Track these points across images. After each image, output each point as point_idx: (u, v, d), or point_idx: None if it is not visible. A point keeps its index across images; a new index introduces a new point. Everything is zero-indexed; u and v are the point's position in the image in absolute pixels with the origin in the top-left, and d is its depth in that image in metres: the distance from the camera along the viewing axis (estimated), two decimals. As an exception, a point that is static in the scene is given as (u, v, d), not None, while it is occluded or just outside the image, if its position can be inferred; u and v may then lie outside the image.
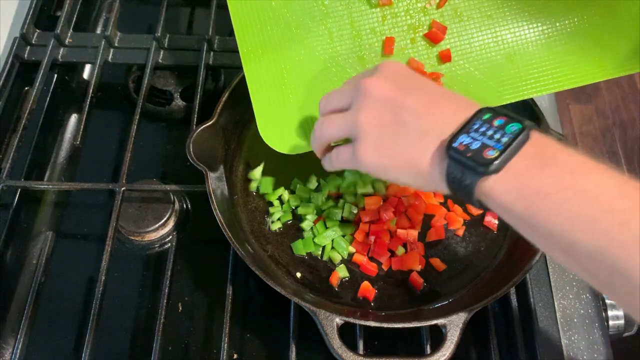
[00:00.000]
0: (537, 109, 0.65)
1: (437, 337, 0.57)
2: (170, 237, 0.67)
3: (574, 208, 0.39)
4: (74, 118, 0.78)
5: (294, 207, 0.66)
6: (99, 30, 0.86)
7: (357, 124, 0.47)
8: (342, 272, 0.62)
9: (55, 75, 0.78)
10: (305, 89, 0.59)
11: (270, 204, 0.66)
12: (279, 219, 0.65)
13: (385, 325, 0.53)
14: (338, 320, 0.53)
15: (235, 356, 0.60)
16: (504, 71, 0.61)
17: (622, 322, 0.62)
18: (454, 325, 0.52)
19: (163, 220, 0.66)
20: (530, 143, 0.41)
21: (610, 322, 0.61)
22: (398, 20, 0.59)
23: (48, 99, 0.76)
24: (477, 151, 0.41)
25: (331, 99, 0.52)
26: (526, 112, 0.65)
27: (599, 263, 0.38)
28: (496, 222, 0.65)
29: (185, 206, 0.70)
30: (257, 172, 0.67)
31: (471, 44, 0.61)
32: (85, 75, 0.83)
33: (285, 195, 0.66)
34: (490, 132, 0.42)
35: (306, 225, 0.64)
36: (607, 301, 0.62)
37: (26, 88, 0.76)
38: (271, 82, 0.59)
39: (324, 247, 0.63)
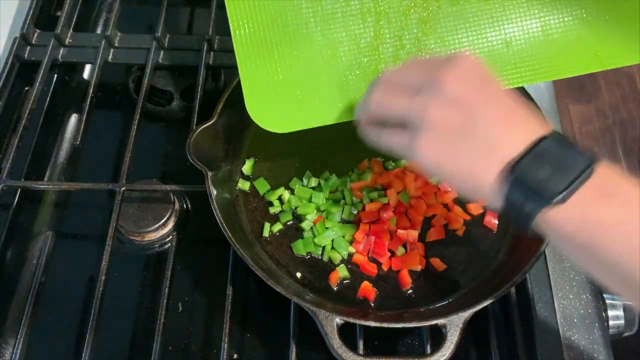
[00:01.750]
0: (537, 109, 0.65)
1: (437, 337, 0.57)
2: (170, 237, 0.67)
3: (635, 241, 0.39)
4: (74, 118, 0.78)
5: (294, 208, 0.66)
6: (99, 30, 0.86)
7: (426, 115, 0.44)
8: (342, 272, 0.62)
9: (55, 75, 0.78)
10: (296, 58, 0.58)
11: (270, 203, 0.66)
12: (278, 220, 0.65)
13: (385, 325, 0.53)
14: (338, 320, 0.53)
15: (235, 356, 0.60)
16: (500, 56, 0.60)
17: (622, 322, 0.62)
18: (454, 325, 0.52)
19: (163, 220, 0.66)
20: (596, 175, 0.41)
21: (610, 322, 0.61)
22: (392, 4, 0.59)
23: (48, 99, 0.76)
24: (541, 180, 0.41)
25: (401, 73, 0.49)
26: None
27: None
28: (496, 222, 0.65)
29: (185, 206, 0.70)
30: (247, 166, 0.68)
31: (467, 29, 0.61)
32: (85, 75, 0.83)
33: (286, 195, 0.66)
34: (556, 161, 0.41)
35: (306, 225, 0.64)
36: (607, 301, 0.63)
37: (26, 88, 0.76)
38: (259, 44, 0.57)
39: (324, 247, 0.63)
